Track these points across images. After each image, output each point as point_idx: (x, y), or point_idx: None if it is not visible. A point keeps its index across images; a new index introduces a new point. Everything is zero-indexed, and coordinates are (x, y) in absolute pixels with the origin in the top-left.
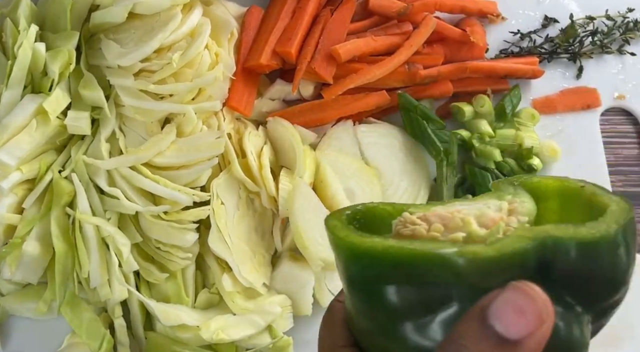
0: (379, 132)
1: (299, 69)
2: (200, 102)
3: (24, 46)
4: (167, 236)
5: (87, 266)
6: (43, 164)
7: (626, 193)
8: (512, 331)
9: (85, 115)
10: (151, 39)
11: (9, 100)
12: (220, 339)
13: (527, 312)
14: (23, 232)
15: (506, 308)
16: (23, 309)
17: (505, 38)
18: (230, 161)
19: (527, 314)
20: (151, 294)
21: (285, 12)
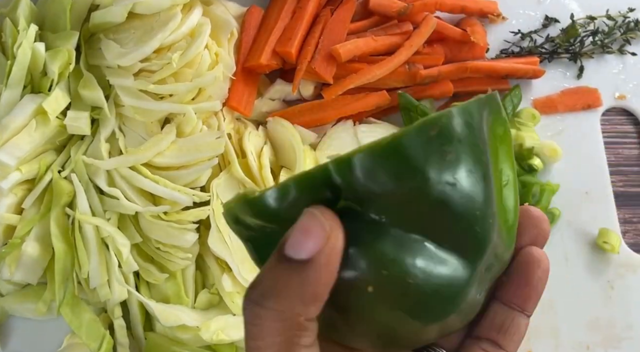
0: (379, 132)
1: (299, 69)
2: (200, 102)
3: (23, 46)
4: (167, 236)
5: (87, 266)
6: (42, 164)
7: (627, 193)
8: (300, 251)
9: (84, 115)
10: (151, 39)
11: (9, 100)
12: (221, 340)
13: (312, 231)
14: (22, 232)
15: (295, 232)
16: (22, 309)
17: (506, 38)
18: (230, 161)
19: (312, 232)
20: (151, 294)
21: (285, 12)
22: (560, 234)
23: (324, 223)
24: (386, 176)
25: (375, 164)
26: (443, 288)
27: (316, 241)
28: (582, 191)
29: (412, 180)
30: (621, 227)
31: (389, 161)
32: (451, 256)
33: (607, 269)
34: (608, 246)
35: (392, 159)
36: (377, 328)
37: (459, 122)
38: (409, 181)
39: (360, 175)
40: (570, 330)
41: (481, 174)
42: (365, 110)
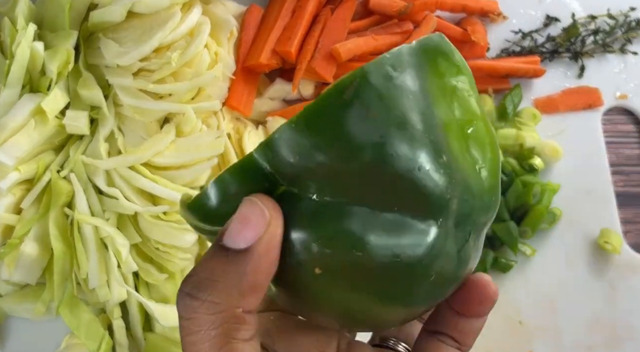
0: None
1: (299, 69)
2: (199, 102)
3: (22, 45)
4: (167, 237)
5: (86, 266)
6: (41, 164)
7: (628, 193)
8: (238, 240)
9: (83, 115)
10: (150, 38)
11: (7, 99)
12: None
13: (251, 219)
14: (21, 232)
15: (233, 222)
16: (21, 309)
17: (507, 37)
18: (229, 161)
19: (251, 221)
20: (150, 294)
21: (285, 11)
22: (561, 234)
23: (264, 210)
24: (309, 150)
25: (295, 139)
26: (399, 259)
27: (255, 229)
28: (583, 190)
29: (336, 148)
30: (622, 227)
31: (308, 133)
32: (402, 220)
33: (609, 270)
34: (609, 246)
35: (311, 130)
36: (335, 309)
37: (378, 77)
38: (333, 149)
39: (283, 155)
40: (572, 331)
41: (419, 126)
42: None
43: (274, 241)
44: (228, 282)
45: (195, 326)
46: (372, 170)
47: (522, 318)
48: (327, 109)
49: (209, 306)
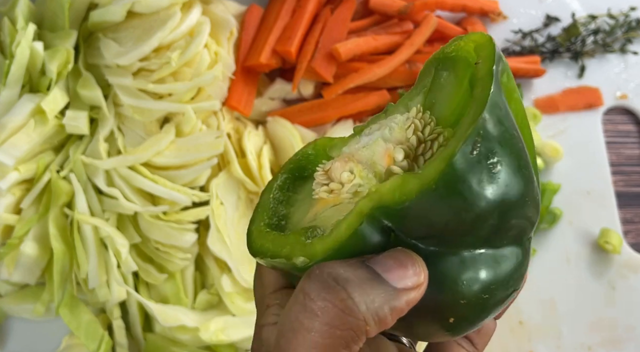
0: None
1: (299, 68)
2: (199, 102)
3: (22, 45)
4: (166, 237)
5: (86, 266)
6: (41, 164)
7: (628, 193)
8: (398, 280)
9: (83, 115)
10: (150, 38)
11: (7, 99)
12: (220, 341)
13: (411, 270)
14: (21, 232)
15: (387, 258)
16: (21, 310)
17: (507, 37)
18: (229, 161)
19: (410, 271)
20: (150, 295)
21: (285, 11)
22: (562, 234)
23: (422, 271)
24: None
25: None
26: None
27: (411, 280)
28: (583, 190)
29: (466, 205)
30: (623, 227)
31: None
32: (509, 248)
33: (609, 270)
34: (610, 246)
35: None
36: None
37: (492, 123)
38: (462, 207)
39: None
40: (572, 330)
41: (521, 162)
42: (365, 110)
43: (418, 297)
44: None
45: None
46: (490, 214)
47: (522, 318)
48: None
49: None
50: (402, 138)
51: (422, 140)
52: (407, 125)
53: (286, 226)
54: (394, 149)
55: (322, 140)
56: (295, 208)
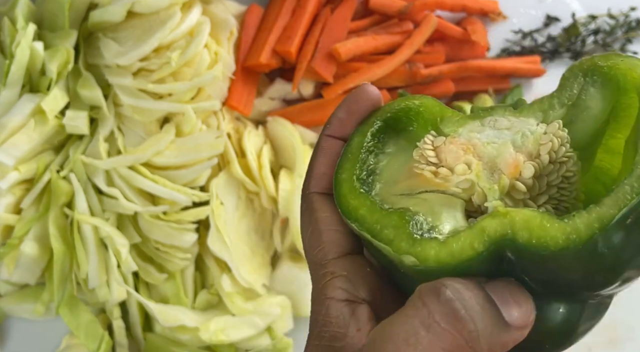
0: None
1: (299, 68)
2: (199, 102)
3: (22, 45)
4: (166, 237)
5: (86, 266)
6: (41, 163)
7: None
8: (513, 318)
9: (83, 115)
10: (150, 38)
11: (7, 99)
12: (220, 341)
13: (525, 309)
14: (21, 232)
15: (514, 302)
16: (21, 310)
17: (507, 37)
18: (229, 161)
19: (524, 310)
20: (150, 295)
21: (285, 10)
22: None
23: (533, 311)
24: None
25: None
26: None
27: (525, 318)
28: None
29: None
30: None
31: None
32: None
33: None
34: None
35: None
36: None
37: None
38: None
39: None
40: None
41: None
42: None
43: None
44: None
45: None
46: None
47: None
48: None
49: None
50: (534, 151)
51: (552, 161)
52: (544, 141)
53: (374, 184)
54: (523, 163)
55: (431, 102)
56: (385, 164)
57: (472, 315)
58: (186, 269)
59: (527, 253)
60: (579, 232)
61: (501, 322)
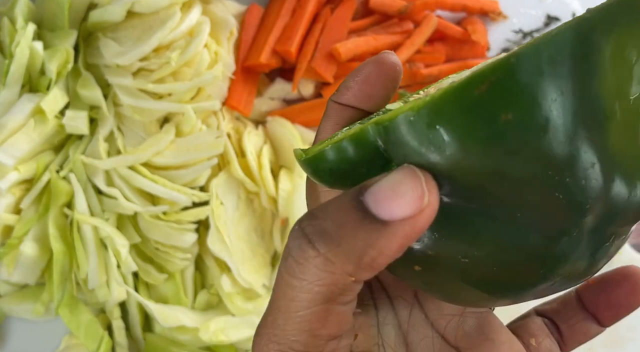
0: None
1: (299, 68)
2: (199, 102)
3: (21, 45)
4: (166, 237)
5: (86, 266)
6: (41, 163)
7: None
8: (383, 208)
9: (83, 115)
10: (150, 38)
11: (6, 99)
12: (220, 341)
13: (407, 193)
14: (21, 232)
15: (384, 184)
16: (20, 310)
17: (507, 37)
18: (229, 161)
19: (406, 195)
20: (150, 295)
21: (285, 10)
22: None
23: (425, 192)
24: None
25: (412, 129)
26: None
27: (407, 207)
28: None
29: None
30: None
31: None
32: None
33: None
34: None
35: (429, 125)
36: (441, 290)
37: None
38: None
39: (398, 139)
40: None
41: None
42: None
43: (417, 231)
44: (352, 247)
45: (302, 273)
46: (494, 179)
47: None
48: (454, 104)
49: (323, 261)
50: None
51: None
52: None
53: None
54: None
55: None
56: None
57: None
58: (186, 269)
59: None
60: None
61: (353, 201)
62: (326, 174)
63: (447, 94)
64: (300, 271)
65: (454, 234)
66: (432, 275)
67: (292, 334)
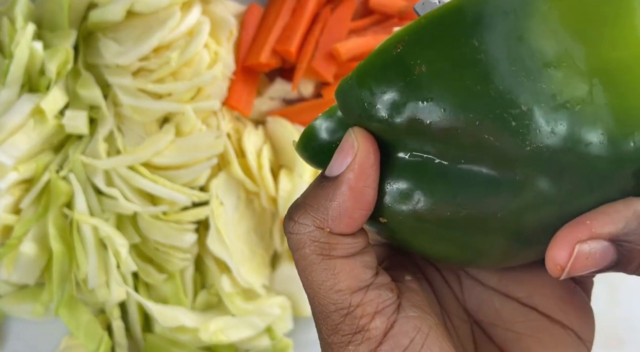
0: None
1: (299, 68)
2: (199, 102)
3: (21, 45)
4: (166, 237)
5: (85, 266)
6: (40, 164)
7: None
8: (332, 169)
9: (83, 115)
10: (150, 38)
11: (6, 99)
12: (219, 341)
13: (344, 148)
14: (20, 232)
15: (335, 153)
16: (20, 310)
17: None
18: (229, 161)
19: (344, 150)
20: (150, 295)
21: (285, 10)
22: None
23: (353, 140)
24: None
25: (354, 93)
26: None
27: (345, 157)
28: None
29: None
30: None
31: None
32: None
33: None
34: None
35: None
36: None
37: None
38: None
39: (351, 109)
40: None
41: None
42: None
43: (362, 169)
44: (316, 206)
45: (298, 242)
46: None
47: None
48: (378, 64)
49: (300, 227)
50: None
51: None
52: None
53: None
54: None
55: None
56: None
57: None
58: (186, 270)
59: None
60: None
61: (319, 177)
62: (315, 151)
63: (371, 56)
64: (293, 243)
65: (407, 184)
66: (395, 225)
67: (322, 296)
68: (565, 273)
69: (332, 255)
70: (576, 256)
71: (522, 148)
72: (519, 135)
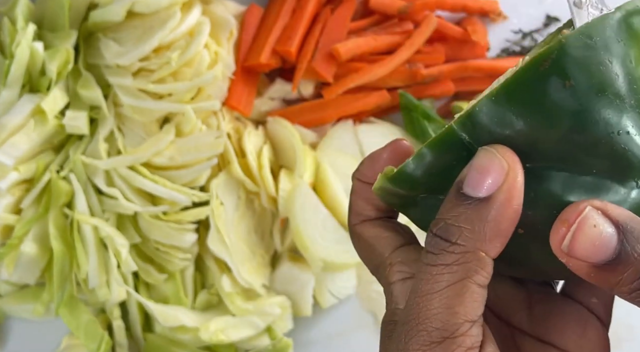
0: (380, 131)
1: (299, 68)
2: (199, 102)
3: (21, 45)
4: (166, 237)
5: (86, 266)
6: (41, 164)
7: None
8: (478, 189)
9: (83, 115)
10: (150, 38)
11: (7, 99)
12: (220, 341)
13: (489, 168)
14: (21, 232)
15: (471, 171)
16: (20, 310)
17: (507, 37)
18: (229, 161)
19: (489, 170)
20: (150, 295)
21: (285, 10)
22: None
23: (501, 160)
24: (509, 120)
25: (495, 111)
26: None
27: (494, 178)
28: None
29: (536, 118)
30: None
31: (507, 105)
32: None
33: None
34: None
35: (510, 103)
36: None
37: (577, 47)
38: (533, 120)
39: (483, 126)
40: None
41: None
42: (365, 110)
43: (514, 190)
44: (474, 228)
45: (441, 260)
46: (570, 136)
47: None
48: (525, 82)
49: (455, 247)
50: None
51: None
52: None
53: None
54: None
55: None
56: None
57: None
58: (186, 270)
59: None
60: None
61: (456, 195)
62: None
63: (517, 74)
64: (438, 259)
65: (538, 192)
66: (529, 238)
67: (433, 311)
68: (570, 234)
69: (473, 280)
70: (585, 216)
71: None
72: None
